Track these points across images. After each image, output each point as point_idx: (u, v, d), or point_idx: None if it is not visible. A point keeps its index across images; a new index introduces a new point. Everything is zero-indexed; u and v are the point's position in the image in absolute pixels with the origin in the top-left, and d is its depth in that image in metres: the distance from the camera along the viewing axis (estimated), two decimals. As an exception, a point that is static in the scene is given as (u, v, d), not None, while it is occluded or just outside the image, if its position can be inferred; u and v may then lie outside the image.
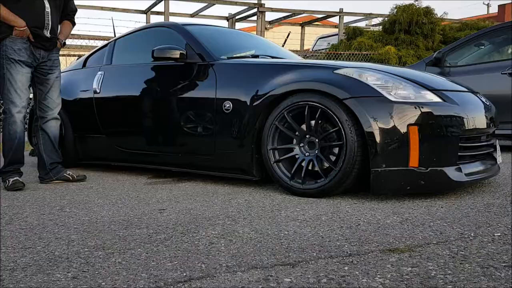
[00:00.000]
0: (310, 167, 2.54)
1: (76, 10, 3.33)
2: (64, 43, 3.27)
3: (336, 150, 2.50)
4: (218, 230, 1.86)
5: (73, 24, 3.32)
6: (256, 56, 3.26)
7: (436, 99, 2.39)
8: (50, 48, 3.10)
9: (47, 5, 3.02)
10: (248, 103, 2.74)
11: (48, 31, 3.04)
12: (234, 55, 3.17)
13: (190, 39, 3.16)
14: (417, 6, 9.44)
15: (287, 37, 8.40)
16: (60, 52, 3.44)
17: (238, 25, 12.67)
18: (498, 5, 18.10)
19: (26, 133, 4.58)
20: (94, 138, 3.66)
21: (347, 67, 2.56)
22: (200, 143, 3.00)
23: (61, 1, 3.15)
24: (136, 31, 3.71)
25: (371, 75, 2.44)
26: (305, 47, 12.04)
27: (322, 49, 10.50)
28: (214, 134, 2.89)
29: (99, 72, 3.65)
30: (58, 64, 3.20)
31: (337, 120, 2.38)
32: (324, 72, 2.55)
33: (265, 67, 2.85)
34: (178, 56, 3.03)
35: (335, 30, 11.74)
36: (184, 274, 1.38)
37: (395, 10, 9.47)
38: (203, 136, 2.96)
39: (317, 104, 2.45)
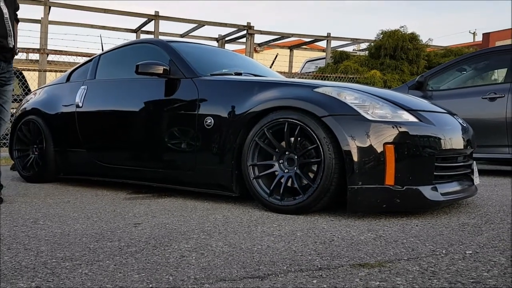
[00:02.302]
0: (289, 184, 2.55)
1: (19, 7, 3.04)
2: (18, 50, 3.07)
3: (315, 167, 2.52)
4: (191, 244, 1.84)
5: (17, 22, 3.05)
6: (240, 74, 3.29)
7: (412, 119, 2.43)
8: (10, 60, 2.92)
9: (4, 10, 2.77)
10: (230, 119, 2.75)
11: (13, 39, 2.83)
12: (217, 72, 3.20)
13: (174, 55, 3.19)
14: (403, 32, 9.65)
15: (275, 58, 8.50)
16: (49, 68, 3.38)
17: (228, 47, 12.81)
18: (483, 33, 18.58)
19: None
20: (75, 153, 3.64)
21: (326, 86, 2.59)
22: (180, 159, 2.99)
23: (13, 2, 2.90)
24: (121, 47, 3.73)
25: (349, 94, 2.48)
26: (294, 70, 12.18)
27: (310, 72, 10.63)
28: (195, 150, 2.89)
29: (83, 87, 3.65)
30: (13, 75, 3.02)
31: (315, 137, 2.40)
32: (304, 90, 2.59)
33: (247, 84, 2.87)
34: (161, 71, 3.05)
35: (323, 54, 11.92)
36: (150, 285, 1.36)
37: (381, 36, 9.67)
38: (184, 151, 2.96)
39: (296, 121, 2.47)
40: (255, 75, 3.37)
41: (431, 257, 1.66)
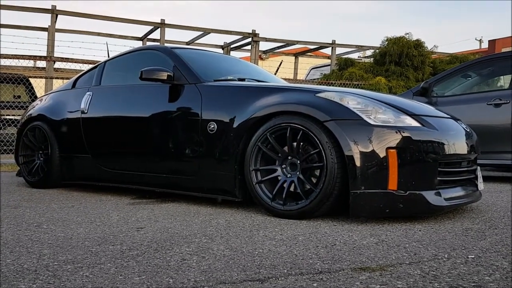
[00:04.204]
0: (292, 189, 2.55)
1: None
2: None
3: (317, 172, 2.51)
4: (192, 247, 1.85)
5: None
6: (243, 80, 3.30)
7: (415, 123, 2.43)
8: None
9: None
10: (233, 124, 2.76)
11: None
12: (221, 78, 3.21)
13: (177, 61, 3.21)
14: (408, 39, 9.65)
15: (280, 65, 8.53)
16: (55, 75, 3.44)
17: (233, 54, 12.86)
18: (489, 40, 18.56)
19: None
20: (80, 158, 3.66)
21: (328, 91, 2.60)
22: (184, 164, 3.00)
23: None
24: (125, 54, 3.76)
25: (352, 99, 2.48)
26: (299, 77, 12.20)
27: (315, 79, 10.65)
28: (199, 155, 2.90)
29: (88, 93, 3.68)
30: None
31: (317, 142, 2.40)
32: (306, 95, 2.60)
33: (250, 89, 2.89)
34: (165, 77, 3.07)
35: (328, 61, 11.94)
36: None
37: (386, 43, 9.68)
38: (187, 156, 2.97)
39: (299, 126, 2.48)
40: (259, 81, 3.38)
41: (433, 261, 1.65)
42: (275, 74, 6.99)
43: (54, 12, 9.18)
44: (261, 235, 2.07)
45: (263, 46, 12.30)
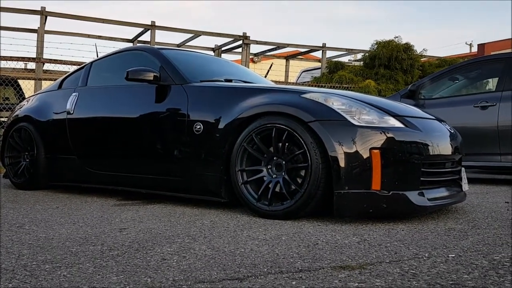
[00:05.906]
0: (277, 189, 2.55)
1: None
2: None
3: (302, 172, 2.52)
4: (174, 247, 1.84)
5: None
6: (230, 81, 3.30)
7: (398, 124, 2.44)
8: None
9: None
10: (219, 125, 2.76)
11: None
12: (207, 79, 3.21)
13: (164, 62, 3.20)
14: (397, 42, 9.73)
15: (270, 67, 8.56)
16: (44, 77, 3.41)
17: (224, 56, 12.87)
18: (478, 44, 18.75)
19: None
20: (66, 160, 3.63)
21: (313, 92, 2.61)
22: (170, 165, 2.99)
23: None
24: (112, 54, 3.75)
25: (336, 100, 2.49)
26: (290, 80, 12.23)
27: (306, 82, 10.69)
28: (185, 156, 2.89)
29: (74, 94, 3.66)
30: None
31: (302, 142, 2.41)
32: (291, 96, 2.60)
33: (236, 90, 2.89)
34: (152, 78, 3.06)
35: (319, 64, 11.99)
36: (128, 287, 1.35)
37: (376, 46, 9.74)
38: (173, 157, 2.96)
39: (284, 127, 2.48)
40: (246, 83, 3.38)
41: (413, 260, 1.66)
42: (265, 76, 7.01)
43: (43, 14, 9.13)
44: (245, 235, 2.06)
45: (255, 48, 12.33)
